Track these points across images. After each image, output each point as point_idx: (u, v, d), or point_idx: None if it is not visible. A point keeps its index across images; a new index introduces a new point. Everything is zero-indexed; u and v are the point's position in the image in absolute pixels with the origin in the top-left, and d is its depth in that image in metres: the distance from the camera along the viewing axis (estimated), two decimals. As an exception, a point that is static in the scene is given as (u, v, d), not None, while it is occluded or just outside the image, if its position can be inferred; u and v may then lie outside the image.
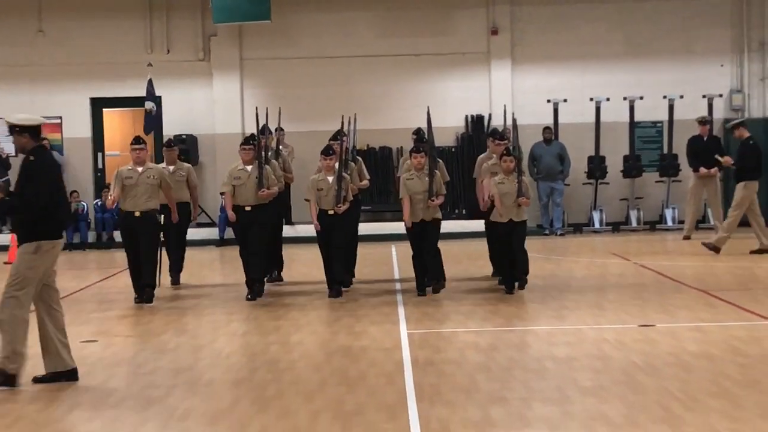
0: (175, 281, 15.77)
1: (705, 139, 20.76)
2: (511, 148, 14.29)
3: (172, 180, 14.83)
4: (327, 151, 14.05)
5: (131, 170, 13.89)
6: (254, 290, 14.00)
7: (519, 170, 13.80)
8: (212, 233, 21.98)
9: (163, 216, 14.31)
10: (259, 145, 14.22)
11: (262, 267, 14.40)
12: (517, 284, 13.92)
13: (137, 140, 14.17)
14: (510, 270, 13.92)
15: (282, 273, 15.95)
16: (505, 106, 17.44)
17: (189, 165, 16.53)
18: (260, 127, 15.16)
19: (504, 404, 8.13)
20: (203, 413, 8.12)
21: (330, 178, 13.92)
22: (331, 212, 13.85)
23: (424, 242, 13.84)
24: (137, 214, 13.68)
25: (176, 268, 15.82)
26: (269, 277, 15.32)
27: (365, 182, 15.46)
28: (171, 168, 15.56)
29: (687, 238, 20.30)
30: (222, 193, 15.45)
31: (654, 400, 8.15)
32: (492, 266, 15.26)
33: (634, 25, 23.65)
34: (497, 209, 13.84)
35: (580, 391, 8.55)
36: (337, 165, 13.96)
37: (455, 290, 14.36)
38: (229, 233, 22.37)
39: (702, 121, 21.10)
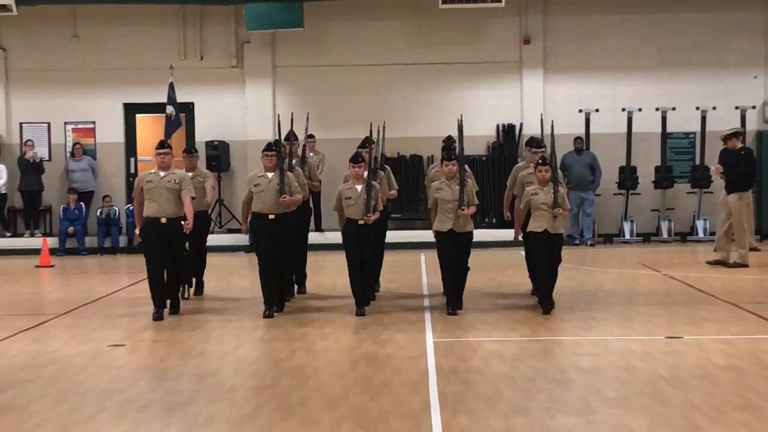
0: (198, 292, 15.45)
1: (735, 152, 20.65)
2: (547, 157, 13.71)
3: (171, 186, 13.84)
4: (356, 159, 13.46)
5: (153, 174, 13.37)
6: (271, 304, 13.44)
7: (555, 180, 13.22)
8: (242, 239, 22.00)
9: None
10: (280, 151, 13.63)
11: (285, 278, 14.01)
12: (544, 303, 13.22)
13: (161, 144, 13.66)
14: (544, 282, 13.27)
15: (304, 286, 15.48)
16: (541, 114, 16.74)
17: (209, 172, 16.21)
18: (286, 133, 14.76)
19: (526, 414, 8.11)
20: (227, 419, 8.14)
21: (359, 187, 13.30)
22: (360, 222, 13.21)
23: (458, 256, 13.21)
24: (163, 220, 13.16)
25: (197, 280, 15.45)
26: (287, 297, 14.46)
27: (394, 192, 14.95)
28: (190, 175, 14.74)
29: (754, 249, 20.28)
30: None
31: (678, 412, 8.12)
32: (531, 283, 14.62)
33: (666, 36, 23.56)
34: (519, 217, 13.65)
35: (604, 401, 8.52)
36: (366, 173, 13.41)
37: (483, 299, 14.33)
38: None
39: (730, 135, 20.97)
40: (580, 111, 22.99)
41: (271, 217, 13.34)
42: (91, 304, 14.73)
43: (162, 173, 13.33)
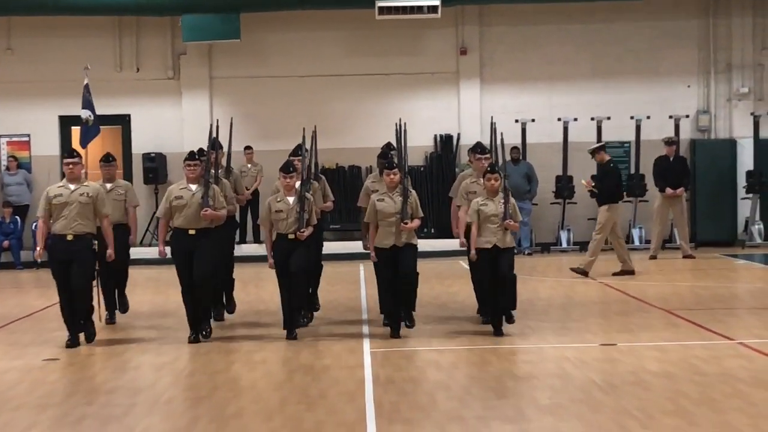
0: (123, 309, 14.30)
1: (671, 159, 20.99)
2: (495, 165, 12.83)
3: (108, 199, 13.01)
4: (286, 168, 12.33)
5: (62, 187, 12.14)
6: (198, 328, 12.34)
7: (506, 190, 12.29)
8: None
9: (96, 242, 12.19)
10: (208, 161, 12.52)
11: (210, 299, 12.77)
12: (504, 318, 12.25)
13: (70, 153, 12.34)
14: (495, 302, 12.23)
15: (232, 307, 14.29)
16: (492, 119, 15.24)
17: (128, 183, 14.78)
18: (210, 142, 13.39)
19: (462, 423, 8.19)
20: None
21: (291, 199, 12.20)
22: (291, 237, 12.10)
23: (397, 270, 12.09)
24: (69, 237, 11.86)
25: (118, 303, 14.19)
26: (213, 315, 13.41)
27: (329, 204, 13.69)
28: (108, 186, 13.80)
29: (653, 257, 20.44)
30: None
31: (611, 419, 8.22)
32: (477, 302, 13.44)
33: (600, 46, 23.78)
34: (473, 235, 12.23)
35: (538, 409, 8.61)
36: (298, 184, 12.35)
37: (420, 309, 14.31)
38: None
39: (668, 142, 21.32)
40: (517, 121, 23.14)
41: (192, 232, 12.17)
42: (25, 318, 14.61)
43: (72, 186, 12.11)
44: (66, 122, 23.92)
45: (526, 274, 18.84)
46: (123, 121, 23.61)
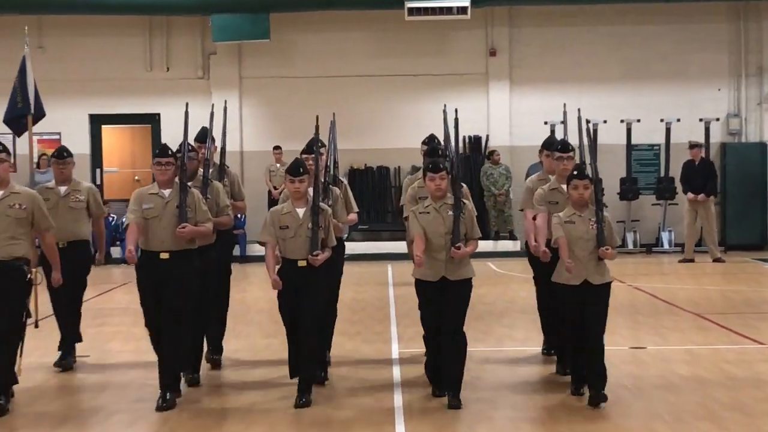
0: (64, 363, 10.65)
1: (696, 163, 20.91)
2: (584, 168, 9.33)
3: (64, 206, 10.58)
4: (295, 170, 8.97)
5: None
6: (172, 389, 8.96)
7: (599, 202, 8.97)
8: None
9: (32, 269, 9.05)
10: (183, 160, 9.22)
11: (184, 354, 9.18)
12: (588, 391, 8.85)
13: None
14: (575, 360, 9.10)
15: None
16: (565, 105, 12.70)
17: (91, 185, 11.24)
18: (197, 133, 10.64)
19: (490, 423, 8.17)
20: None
21: (300, 211, 8.98)
22: (302, 264, 8.86)
23: (443, 315, 8.78)
24: None
25: (70, 339, 10.87)
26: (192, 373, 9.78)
27: (353, 216, 10.31)
28: (62, 189, 10.75)
29: (686, 261, 20.40)
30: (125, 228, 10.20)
31: (641, 423, 8.19)
32: (543, 336, 10.99)
33: (631, 48, 23.70)
34: (562, 263, 8.78)
35: (569, 410, 8.58)
36: (311, 191, 9.13)
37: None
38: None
39: (692, 146, 21.26)
40: (546, 123, 23.08)
41: (164, 256, 8.94)
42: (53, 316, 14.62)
43: None
44: (96, 120, 24.05)
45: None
46: (153, 120, 23.71)
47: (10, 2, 22.60)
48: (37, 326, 9.63)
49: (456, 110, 9.67)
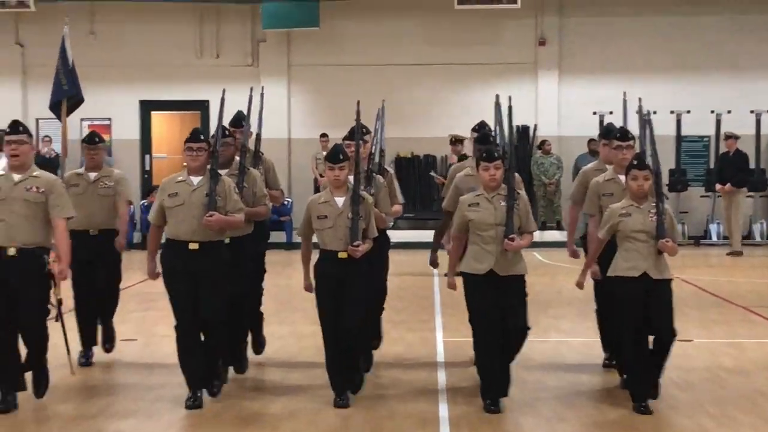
0: (107, 344, 10.55)
1: (731, 154, 20.73)
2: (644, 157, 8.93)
3: (93, 193, 10.19)
4: (335, 156, 8.50)
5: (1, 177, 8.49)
6: (202, 386, 8.64)
7: (659, 194, 8.44)
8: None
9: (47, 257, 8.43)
10: (235, 142, 9.36)
11: (217, 357, 8.82)
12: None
13: (14, 127, 8.51)
14: (639, 364, 8.36)
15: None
16: (624, 93, 11.12)
17: (120, 173, 10.76)
18: (232, 118, 10.24)
19: (534, 416, 8.16)
20: (236, 414, 8.17)
21: (340, 200, 8.52)
22: (342, 255, 8.39)
23: (506, 315, 8.28)
24: (11, 252, 8.17)
25: (102, 338, 10.54)
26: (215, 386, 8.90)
27: (397, 208, 9.85)
28: (92, 175, 10.33)
29: (735, 253, 20.27)
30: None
31: (686, 415, 8.15)
32: (603, 348, 10.09)
33: (681, 39, 23.51)
34: (619, 254, 8.40)
35: (613, 404, 8.54)
36: (352, 179, 8.65)
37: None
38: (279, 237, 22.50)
39: (728, 137, 21.15)
40: (594, 113, 22.98)
41: (193, 246, 8.43)
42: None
43: (16, 176, 8.45)
44: (146, 107, 24.21)
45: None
46: (202, 107, 23.82)
47: (63, -12, 22.78)
48: (57, 320, 9.38)
49: (510, 98, 9.24)
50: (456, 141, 17.34)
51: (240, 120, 10.11)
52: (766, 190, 22.54)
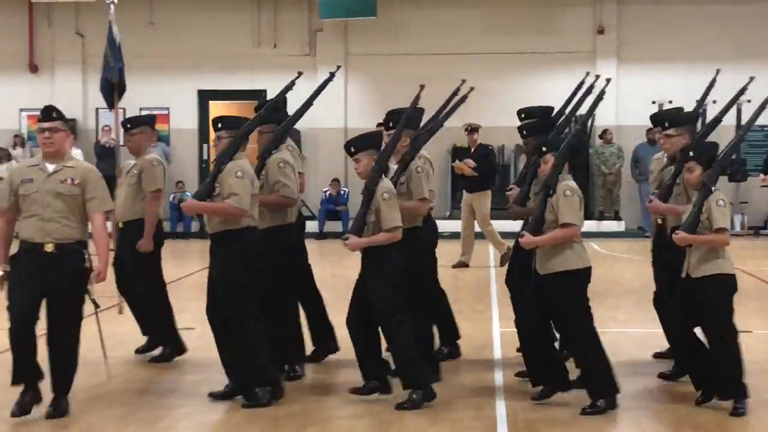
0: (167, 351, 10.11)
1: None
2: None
3: (128, 182, 9.88)
4: (347, 149, 8.37)
5: (33, 168, 7.82)
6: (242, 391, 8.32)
7: (704, 186, 7.97)
8: (311, 226, 22.09)
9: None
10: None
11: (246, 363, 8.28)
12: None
13: (47, 113, 7.79)
14: (687, 358, 8.37)
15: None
16: (718, 71, 10.89)
17: (148, 158, 9.94)
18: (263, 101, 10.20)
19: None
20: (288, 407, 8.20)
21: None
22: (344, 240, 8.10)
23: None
24: (49, 248, 7.59)
25: (147, 328, 10.27)
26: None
27: (413, 204, 8.77)
28: (131, 163, 10.04)
29: None
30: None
31: (749, 408, 8.05)
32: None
33: (742, 28, 23.28)
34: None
35: (671, 394, 8.50)
36: (375, 169, 8.18)
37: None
38: (335, 226, 22.45)
39: None
40: (653, 102, 22.77)
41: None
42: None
43: (50, 165, 7.75)
44: (204, 96, 24.37)
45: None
46: (259, 96, 23.84)
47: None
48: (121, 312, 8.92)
49: (608, 80, 9.20)
50: (472, 130, 17.14)
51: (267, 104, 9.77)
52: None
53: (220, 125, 8.33)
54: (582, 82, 10.03)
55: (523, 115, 9.61)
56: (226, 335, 8.15)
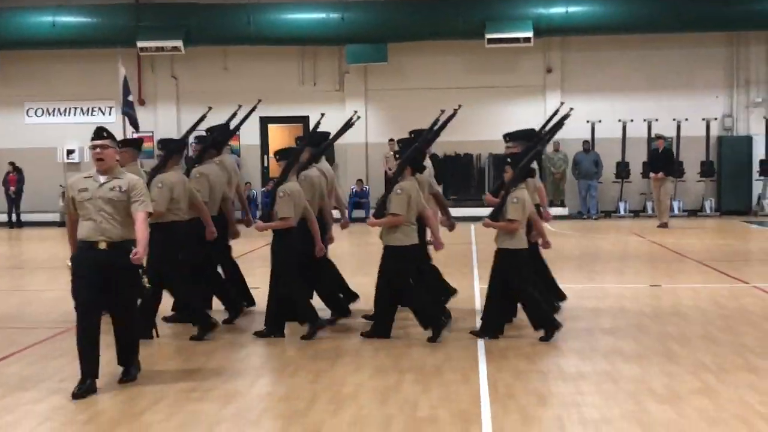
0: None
1: (660, 150, 20.13)
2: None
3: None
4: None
5: (88, 179, 6.85)
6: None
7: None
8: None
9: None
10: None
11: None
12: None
13: (98, 133, 6.88)
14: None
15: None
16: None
17: (138, 170, 8.27)
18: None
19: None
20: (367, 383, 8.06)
21: None
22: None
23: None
24: (102, 246, 6.67)
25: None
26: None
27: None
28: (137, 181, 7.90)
29: (662, 225, 19.23)
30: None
31: (657, 339, 8.11)
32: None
33: (652, 66, 23.16)
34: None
35: (602, 331, 8.51)
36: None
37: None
38: (359, 213, 22.46)
39: (657, 137, 20.80)
40: (587, 122, 22.77)
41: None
42: (237, 259, 14.71)
43: (102, 178, 6.84)
44: (264, 121, 24.34)
45: (593, 233, 18.58)
46: (303, 121, 23.92)
47: (206, 36, 22.99)
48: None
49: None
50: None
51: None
52: (683, 177, 22.16)
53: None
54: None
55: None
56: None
